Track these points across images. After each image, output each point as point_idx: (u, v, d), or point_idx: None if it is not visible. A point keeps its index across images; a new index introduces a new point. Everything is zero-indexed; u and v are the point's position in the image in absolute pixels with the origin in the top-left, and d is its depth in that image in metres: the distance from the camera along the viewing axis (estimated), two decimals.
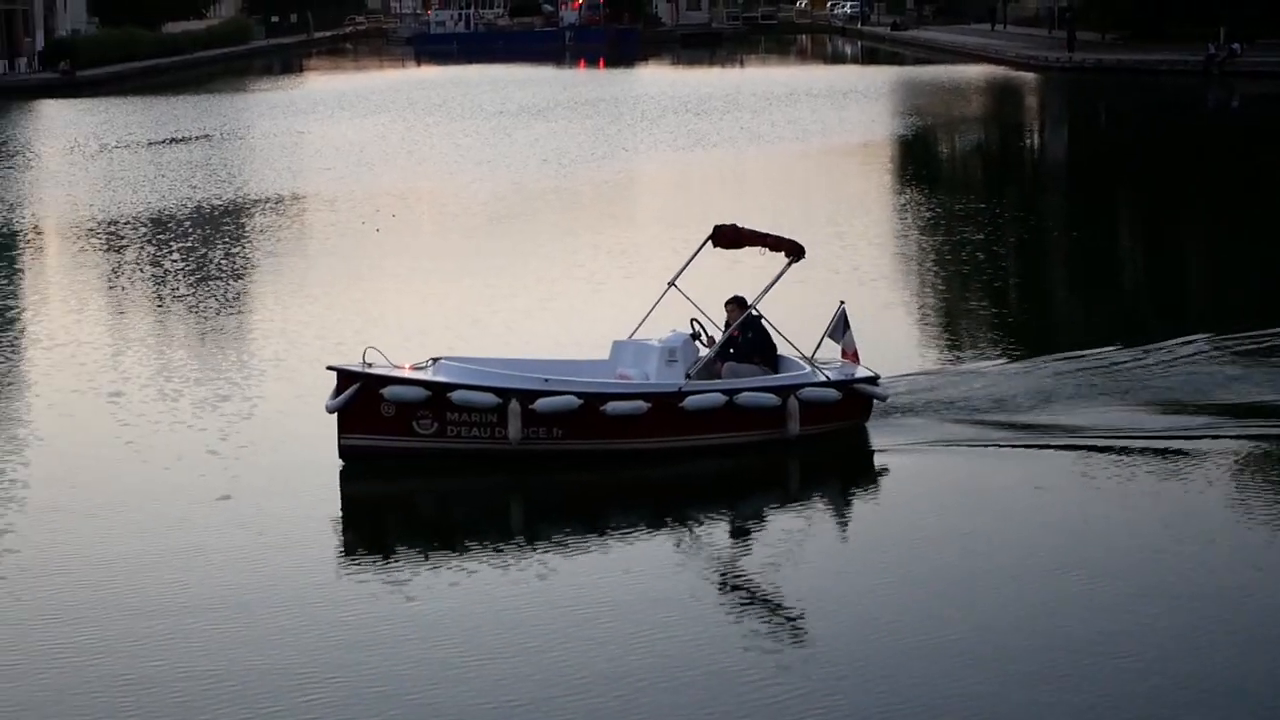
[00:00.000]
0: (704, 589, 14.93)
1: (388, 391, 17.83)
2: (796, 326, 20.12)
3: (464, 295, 28.36)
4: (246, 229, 37.87)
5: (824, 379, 19.12)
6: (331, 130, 64.45)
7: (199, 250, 34.37)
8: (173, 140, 62.15)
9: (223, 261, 32.77)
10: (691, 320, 19.55)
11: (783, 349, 19.78)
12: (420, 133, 62.40)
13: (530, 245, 33.08)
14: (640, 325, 19.64)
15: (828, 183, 45.17)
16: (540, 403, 17.85)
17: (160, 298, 29.27)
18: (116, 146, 60.19)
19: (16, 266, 33.72)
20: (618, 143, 56.68)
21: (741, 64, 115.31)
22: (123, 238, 36.88)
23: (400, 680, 12.80)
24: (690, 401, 18.34)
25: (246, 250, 34.43)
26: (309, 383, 21.32)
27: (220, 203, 42.67)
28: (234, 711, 12.34)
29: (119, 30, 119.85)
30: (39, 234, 38.89)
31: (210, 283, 30.29)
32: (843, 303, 19.92)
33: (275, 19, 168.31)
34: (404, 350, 20.62)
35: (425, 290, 29.07)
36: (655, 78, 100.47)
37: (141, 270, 32.22)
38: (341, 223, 38.44)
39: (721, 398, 18.47)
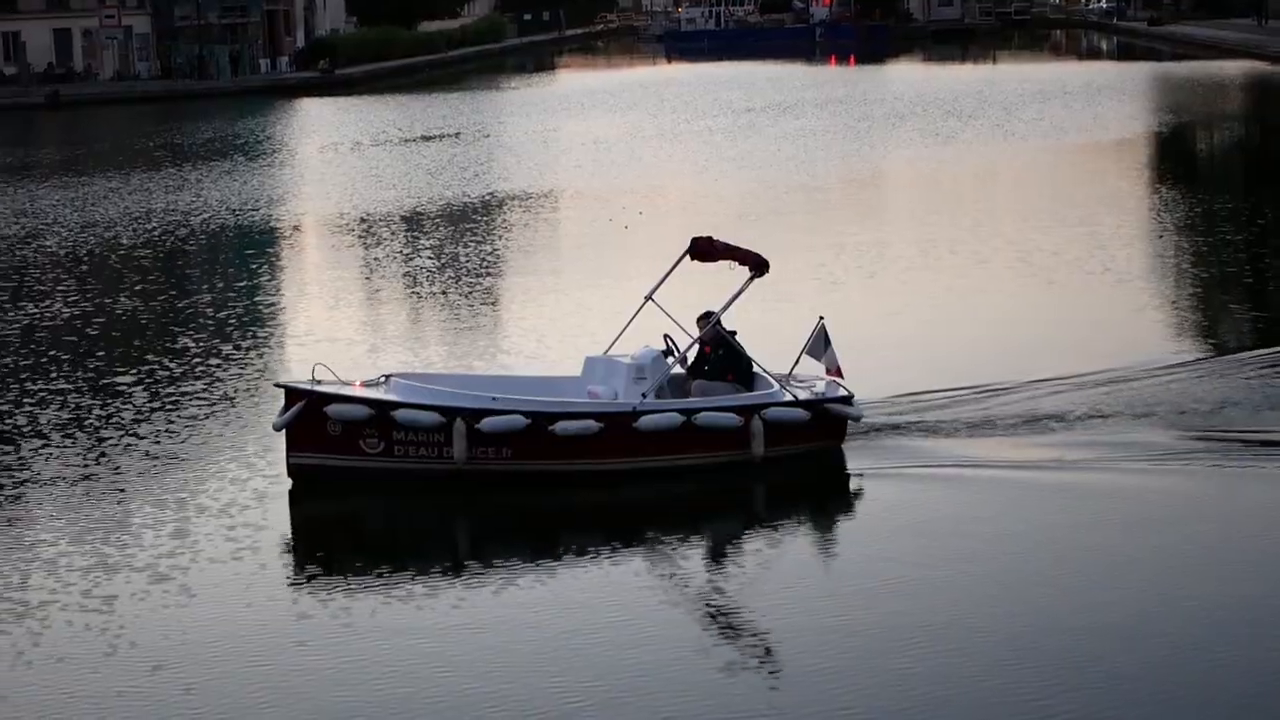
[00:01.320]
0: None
1: (332, 410, 17.26)
2: (1041, 338, 19.76)
3: (702, 292, 28.32)
4: (496, 225, 38.40)
5: (790, 398, 18.19)
6: (581, 127, 65.05)
7: (450, 246, 34.93)
8: (425, 138, 63.29)
9: (474, 258, 33.26)
10: (665, 336, 18.71)
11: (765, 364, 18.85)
12: (669, 130, 62.68)
13: (774, 243, 33.00)
14: (616, 340, 18.82)
15: (1080, 180, 44.36)
16: (486, 422, 17.14)
17: (414, 294, 29.80)
18: (372, 144, 61.46)
19: (276, 262, 34.65)
20: (867, 140, 56.33)
21: (994, 60, 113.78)
22: (377, 234, 37.69)
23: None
24: (645, 421, 17.47)
25: (497, 246, 34.90)
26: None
27: (471, 199, 43.34)
28: None
29: (377, 29, 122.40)
30: (297, 230, 39.93)
31: (462, 279, 30.72)
32: (822, 318, 18.86)
33: (528, 17, 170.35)
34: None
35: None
36: (906, 74, 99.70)
37: (395, 266, 32.86)
38: (589, 219, 38.80)
39: (678, 417, 17.55)
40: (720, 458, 17.80)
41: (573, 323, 25.94)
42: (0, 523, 16.83)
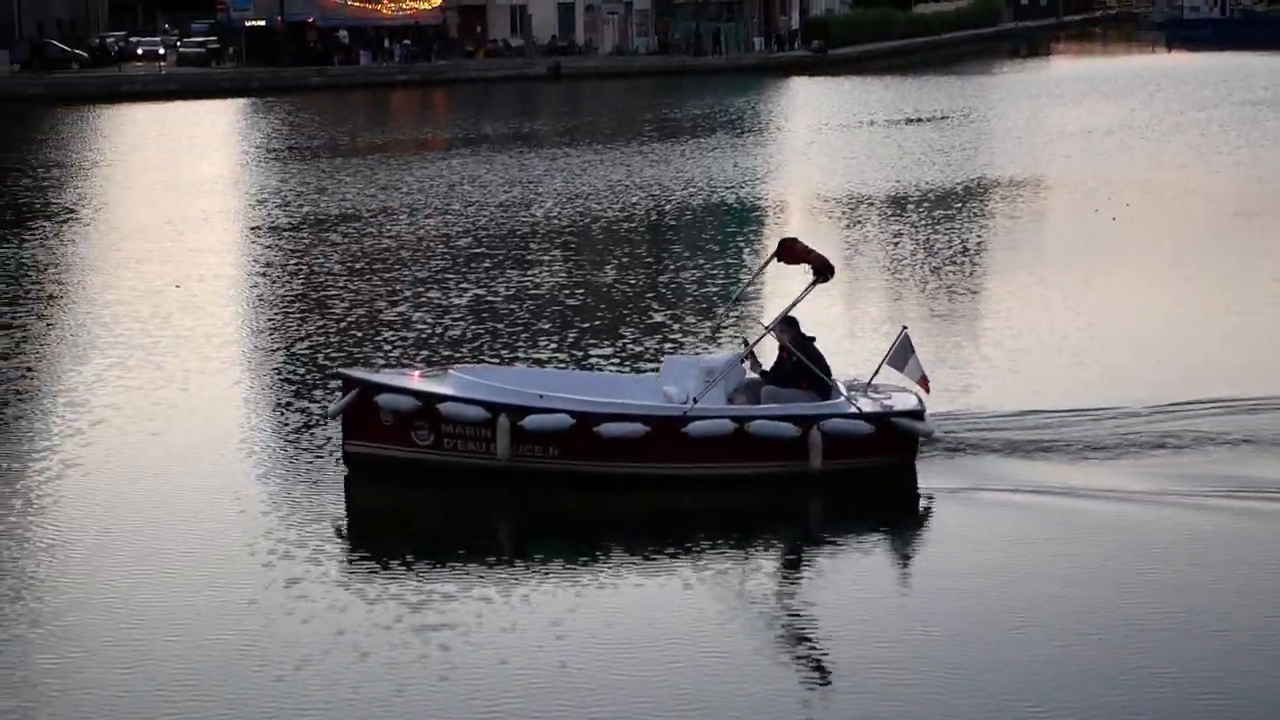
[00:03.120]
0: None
1: (381, 400, 17.16)
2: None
3: (1176, 296, 27.39)
4: (978, 212, 37.91)
5: (854, 410, 17.15)
6: (1071, 115, 63.70)
7: (930, 231, 34.66)
8: (912, 120, 63.04)
9: (953, 244, 32.90)
10: (743, 340, 17.89)
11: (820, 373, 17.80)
12: (1163, 121, 60.82)
13: (1263, 249, 31.68)
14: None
15: None
16: (530, 420, 16.74)
17: (895, 279, 29.66)
18: (859, 124, 61.52)
19: (757, 240, 34.98)
20: None
21: None
22: (857, 215, 37.69)
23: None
24: (694, 427, 16.77)
25: (978, 234, 34.45)
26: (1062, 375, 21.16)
27: (954, 184, 42.92)
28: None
29: (872, 10, 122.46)
30: (779, 208, 40.27)
31: (943, 268, 30.30)
32: (905, 328, 18.01)
33: (1024, 1, 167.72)
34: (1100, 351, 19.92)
35: (1129, 285, 28.27)
36: None
37: (873, 249, 32.80)
38: (1072, 209, 37.95)
39: (729, 424, 16.80)
40: (776, 468, 16.95)
41: (1058, 317, 25.38)
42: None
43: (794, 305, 17.82)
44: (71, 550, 15.32)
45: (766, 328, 18.00)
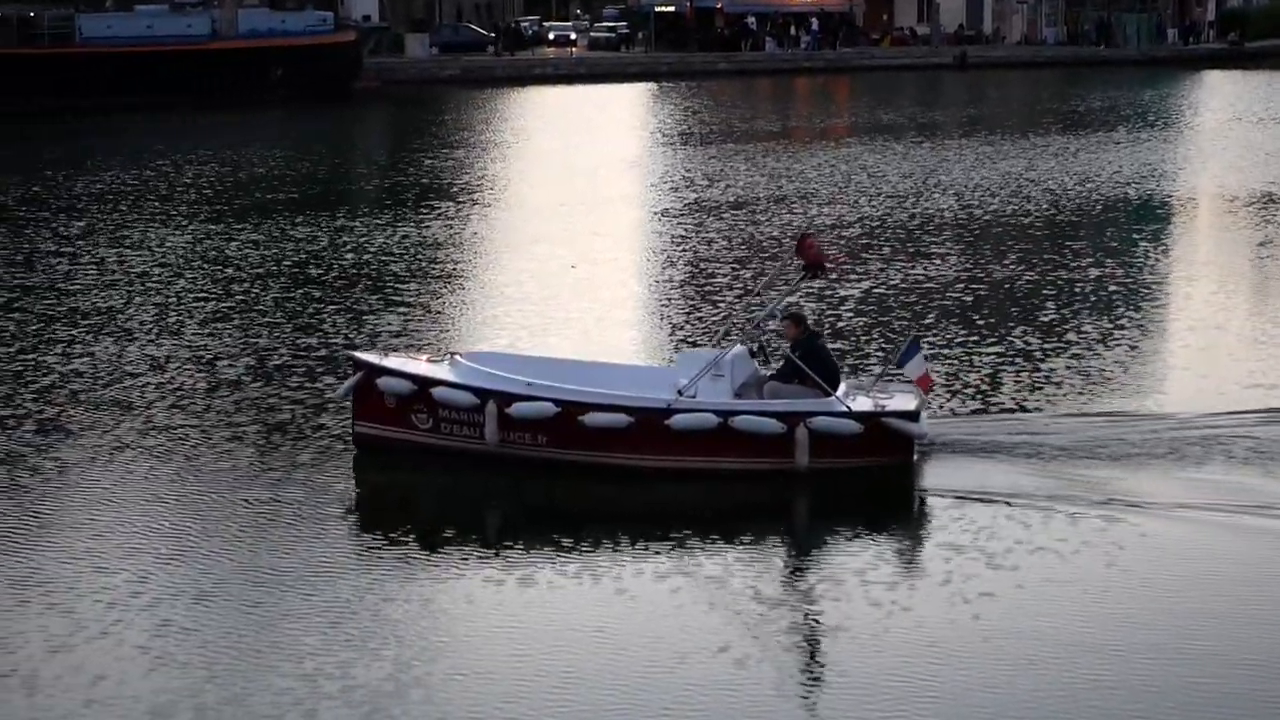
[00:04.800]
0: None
1: (380, 383, 17.56)
2: None
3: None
4: None
5: (844, 408, 16.77)
6: None
7: None
8: None
9: None
10: (756, 336, 17.87)
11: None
12: None
13: None
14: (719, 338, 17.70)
15: None
16: (516, 407, 16.97)
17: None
18: (1276, 120, 59.05)
19: (1164, 236, 33.75)
20: None
21: None
22: (1269, 214, 36.02)
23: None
24: (677, 420, 16.72)
25: None
26: None
27: None
28: None
29: None
30: (1190, 204, 38.81)
31: None
32: (916, 330, 17.65)
33: None
34: None
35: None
36: None
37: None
38: None
39: (713, 419, 16.69)
40: (761, 465, 16.77)
41: None
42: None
43: (783, 300, 17.77)
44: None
45: (753, 324, 17.83)
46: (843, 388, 17.25)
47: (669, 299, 26.77)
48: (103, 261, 30.64)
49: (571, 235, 33.89)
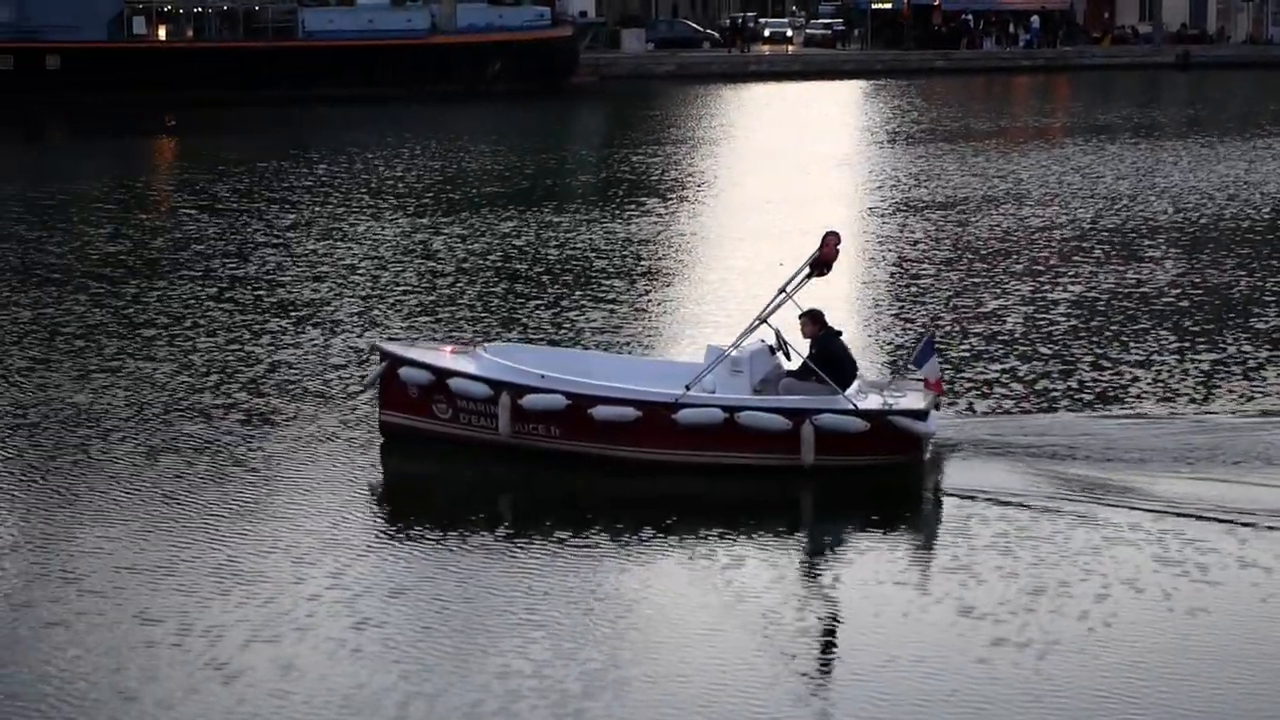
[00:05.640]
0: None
1: (402, 373, 17.90)
2: None
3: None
4: None
5: (850, 406, 16.74)
6: None
7: None
8: None
9: None
10: (776, 332, 17.68)
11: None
12: None
13: None
14: (746, 333, 17.46)
15: None
16: (527, 399, 17.22)
17: None
18: None
19: None
20: None
21: None
22: None
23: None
24: (684, 415, 16.91)
25: None
26: None
27: None
28: None
29: None
30: None
31: None
32: (931, 329, 17.61)
33: None
34: None
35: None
36: None
37: None
38: None
39: (719, 414, 16.85)
40: (767, 460, 16.86)
41: None
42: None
43: (787, 298, 17.56)
44: None
45: (760, 318, 17.65)
46: (855, 386, 17.33)
47: (876, 301, 26.50)
48: (312, 253, 31.19)
49: (780, 232, 33.72)
